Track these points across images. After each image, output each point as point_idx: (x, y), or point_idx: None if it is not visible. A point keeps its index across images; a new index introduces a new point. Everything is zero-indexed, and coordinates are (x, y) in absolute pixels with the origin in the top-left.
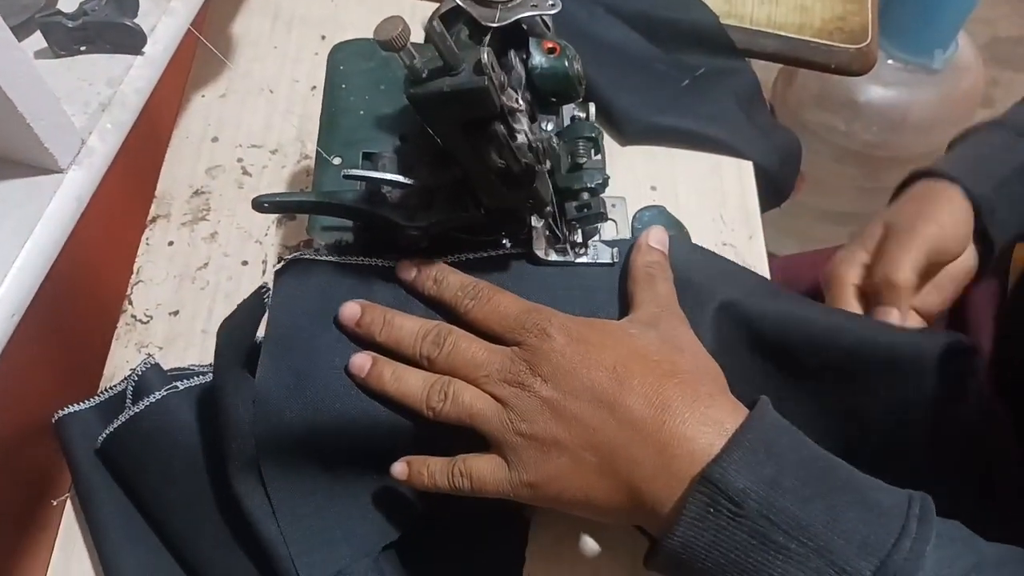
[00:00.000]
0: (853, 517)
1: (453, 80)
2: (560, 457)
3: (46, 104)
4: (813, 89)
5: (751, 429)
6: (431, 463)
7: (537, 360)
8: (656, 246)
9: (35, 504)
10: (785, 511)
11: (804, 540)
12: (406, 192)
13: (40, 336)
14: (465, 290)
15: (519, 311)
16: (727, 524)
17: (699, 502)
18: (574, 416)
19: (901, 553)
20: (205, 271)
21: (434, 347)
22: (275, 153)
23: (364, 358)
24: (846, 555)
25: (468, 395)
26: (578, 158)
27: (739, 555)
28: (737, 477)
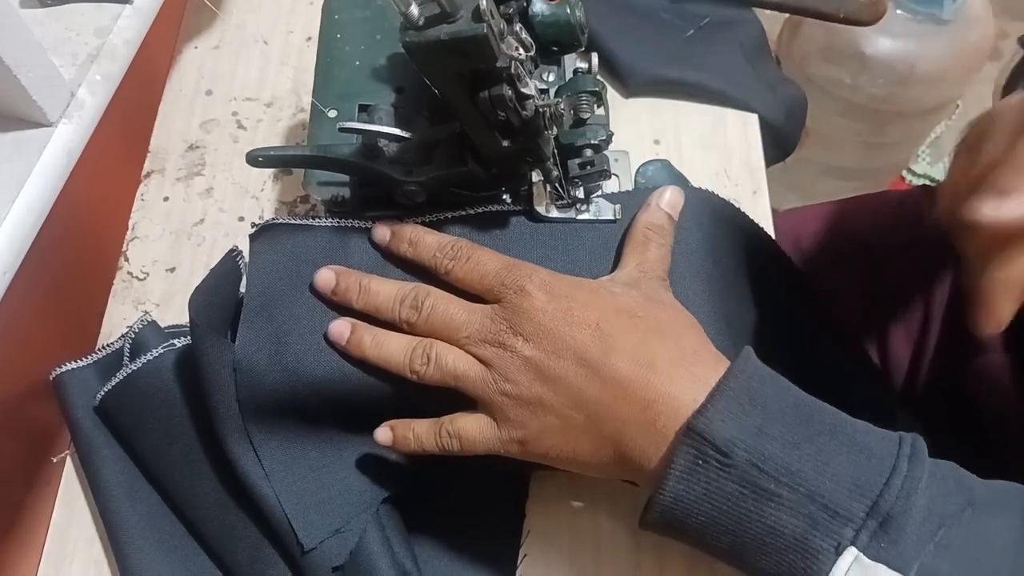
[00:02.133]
0: (843, 460)
1: (450, 28)
2: (546, 416)
3: (33, 55)
4: (819, 41)
5: (733, 378)
6: (416, 426)
7: (518, 319)
8: (666, 208)
9: (35, 461)
10: (774, 458)
11: (795, 486)
12: (403, 146)
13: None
14: (443, 250)
15: (498, 268)
16: (716, 475)
17: (687, 455)
18: (558, 376)
19: (892, 491)
20: (201, 227)
21: (413, 311)
22: (270, 106)
23: (343, 325)
24: (838, 497)
25: (451, 357)
26: (581, 113)
27: (731, 506)
28: (723, 427)
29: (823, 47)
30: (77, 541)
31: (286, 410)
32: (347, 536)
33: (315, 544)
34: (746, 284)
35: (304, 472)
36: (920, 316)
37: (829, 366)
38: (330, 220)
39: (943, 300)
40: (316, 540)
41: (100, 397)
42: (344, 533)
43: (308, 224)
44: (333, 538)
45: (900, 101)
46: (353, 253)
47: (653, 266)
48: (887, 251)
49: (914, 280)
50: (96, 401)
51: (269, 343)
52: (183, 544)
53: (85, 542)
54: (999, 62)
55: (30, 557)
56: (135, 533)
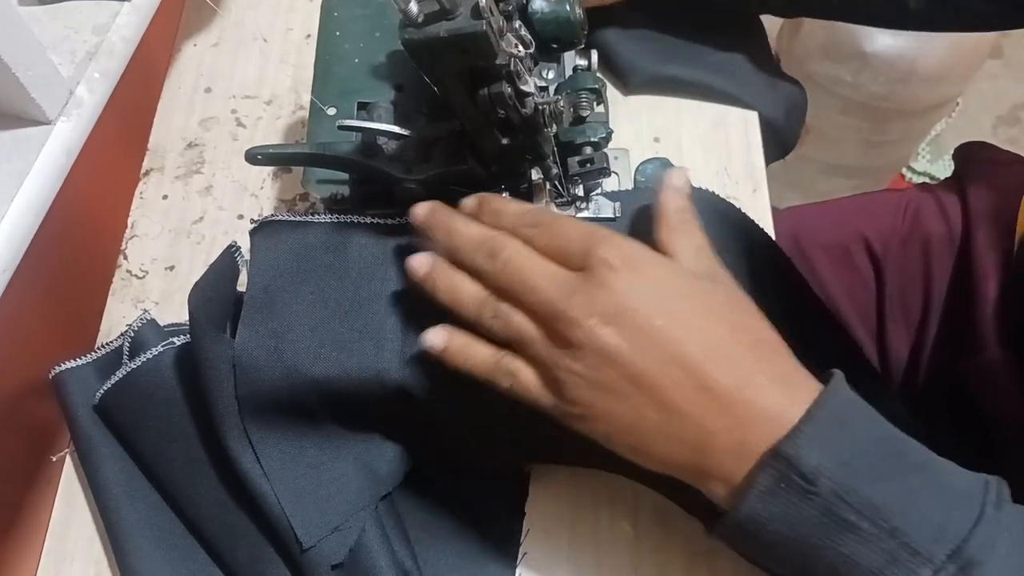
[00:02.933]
0: (928, 500)
1: (450, 24)
2: (617, 404)
3: (32, 52)
4: (819, 39)
5: (825, 405)
6: (475, 346)
7: (599, 296)
8: (683, 188)
9: (35, 460)
10: (858, 490)
11: (877, 520)
12: (403, 144)
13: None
14: (524, 217)
15: (582, 234)
16: (798, 500)
17: (770, 477)
18: (641, 370)
19: (978, 539)
20: (200, 225)
21: (490, 259)
22: (270, 104)
23: (425, 258)
24: (920, 538)
25: (516, 319)
26: (581, 110)
27: (808, 531)
28: (810, 454)
29: (823, 45)
30: (77, 539)
31: (285, 407)
32: (346, 534)
33: (313, 542)
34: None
35: (302, 470)
36: (919, 314)
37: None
38: (330, 216)
39: (941, 297)
40: (315, 538)
41: (99, 396)
42: (343, 531)
43: (308, 220)
44: (332, 536)
45: (900, 99)
46: (352, 249)
47: (710, 251)
48: (886, 249)
49: (913, 278)
50: (95, 400)
51: (269, 339)
52: (183, 543)
53: (85, 540)
54: (1000, 60)
55: (30, 555)
56: (135, 532)
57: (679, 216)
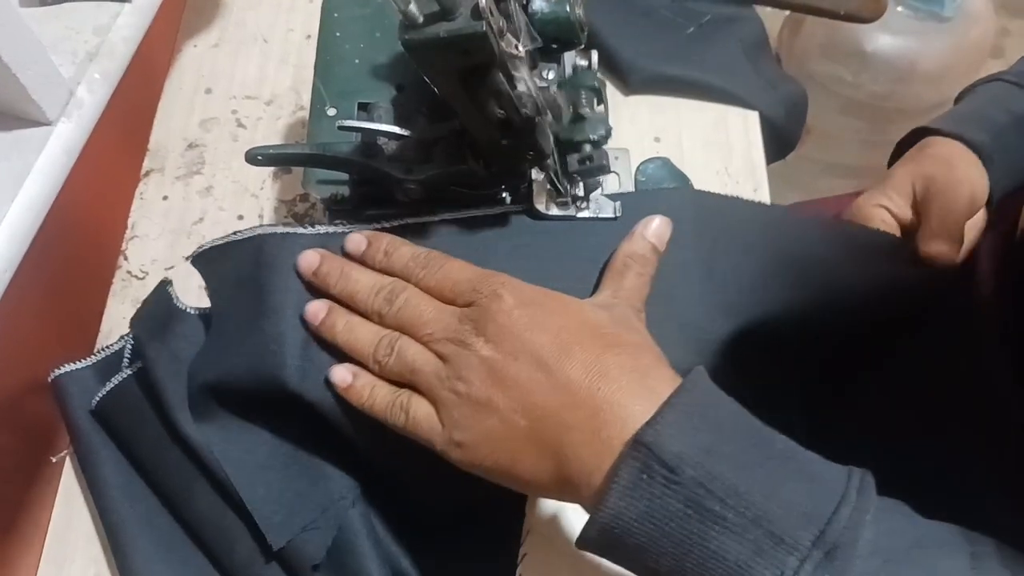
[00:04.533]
0: (793, 487)
1: (449, 25)
2: (491, 418)
3: (32, 53)
4: (820, 38)
5: (686, 393)
6: (377, 385)
7: (484, 320)
8: (650, 239)
9: (35, 460)
10: (722, 478)
11: (742, 509)
12: (403, 144)
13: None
14: (416, 260)
15: (472, 276)
16: (661, 492)
17: (631, 468)
18: (510, 377)
19: (840, 521)
20: (200, 226)
21: (386, 303)
22: (270, 104)
23: (320, 305)
24: (785, 524)
25: (412, 351)
26: (580, 109)
27: (674, 526)
28: (671, 441)
29: (824, 44)
30: (77, 540)
31: (239, 421)
32: (321, 534)
33: (283, 543)
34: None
35: (260, 473)
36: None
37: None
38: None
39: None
40: (284, 539)
41: (96, 402)
42: (316, 531)
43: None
44: (307, 535)
45: (901, 98)
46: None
47: (629, 295)
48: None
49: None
50: (92, 405)
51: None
52: (182, 545)
53: (85, 541)
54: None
55: (30, 555)
56: (135, 533)
57: (622, 261)
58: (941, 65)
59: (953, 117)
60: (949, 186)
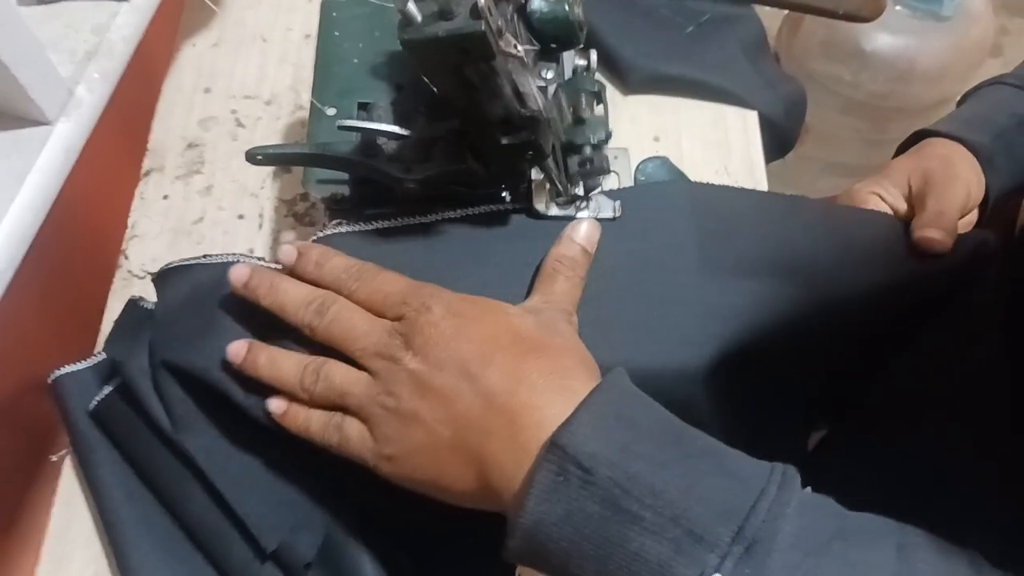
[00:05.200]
0: (712, 484)
1: (448, 25)
2: (417, 431)
3: (31, 52)
4: (819, 37)
5: (601, 393)
6: (312, 410)
7: (412, 333)
8: (580, 242)
9: (35, 459)
10: (638, 477)
11: (659, 509)
12: (402, 143)
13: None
14: (348, 271)
15: (403, 288)
16: (578, 494)
17: (548, 471)
18: (435, 388)
19: (759, 516)
20: (200, 225)
21: (317, 315)
22: (269, 104)
23: (239, 345)
24: (704, 521)
25: (339, 374)
26: (580, 111)
27: (593, 529)
28: (586, 441)
29: (823, 44)
30: (76, 539)
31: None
32: (311, 533)
33: (275, 545)
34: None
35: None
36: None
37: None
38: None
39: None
40: (275, 541)
41: (93, 406)
42: (305, 530)
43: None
44: (297, 536)
45: (900, 98)
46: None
47: (559, 299)
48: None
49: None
50: (90, 408)
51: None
52: (181, 546)
53: (84, 540)
54: (999, 58)
55: (30, 555)
56: (134, 533)
57: (551, 265)
58: (940, 64)
59: (955, 119)
60: (946, 181)
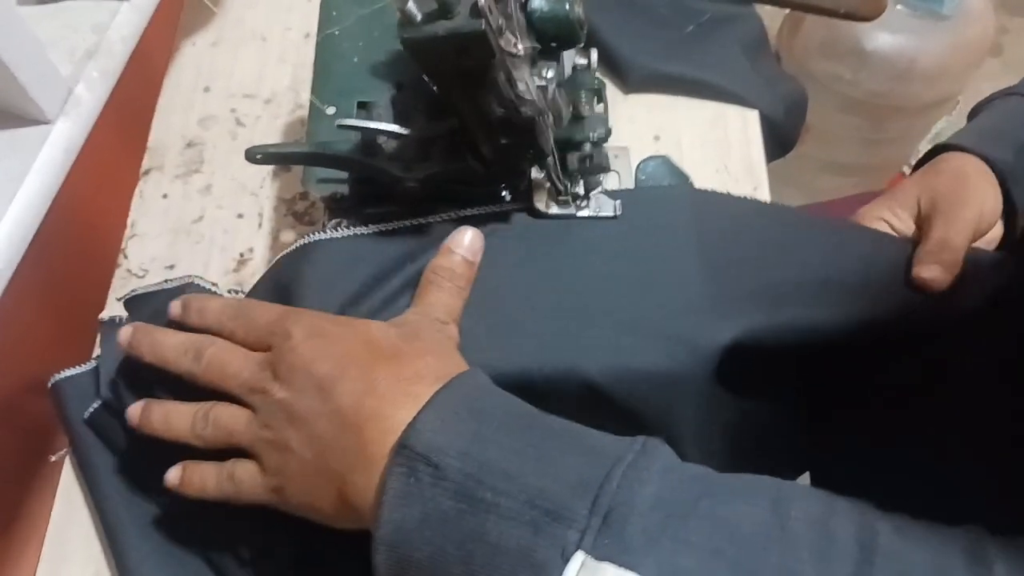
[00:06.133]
0: (568, 461)
1: (448, 23)
2: (291, 459)
3: (30, 52)
4: (819, 37)
5: (448, 390)
6: (204, 468)
7: (277, 362)
8: (460, 252)
9: (34, 459)
10: (490, 464)
11: (515, 493)
12: (402, 142)
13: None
14: (225, 311)
15: (271, 317)
16: (432, 493)
17: (398, 474)
18: (298, 414)
19: (612, 483)
20: (200, 224)
21: (195, 362)
22: (269, 103)
23: (135, 408)
24: (560, 498)
25: (225, 415)
26: (580, 109)
27: (452, 528)
28: (433, 437)
29: (823, 43)
30: (76, 539)
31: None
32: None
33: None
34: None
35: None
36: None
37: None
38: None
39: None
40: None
41: (89, 413)
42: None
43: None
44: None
45: (900, 97)
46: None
47: (430, 309)
48: None
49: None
50: (86, 415)
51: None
52: (181, 547)
53: (84, 540)
54: (999, 58)
55: (29, 554)
56: (133, 535)
57: (429, 275)
58: (940, 63)
59: (972, 133)
60: (955, 205)
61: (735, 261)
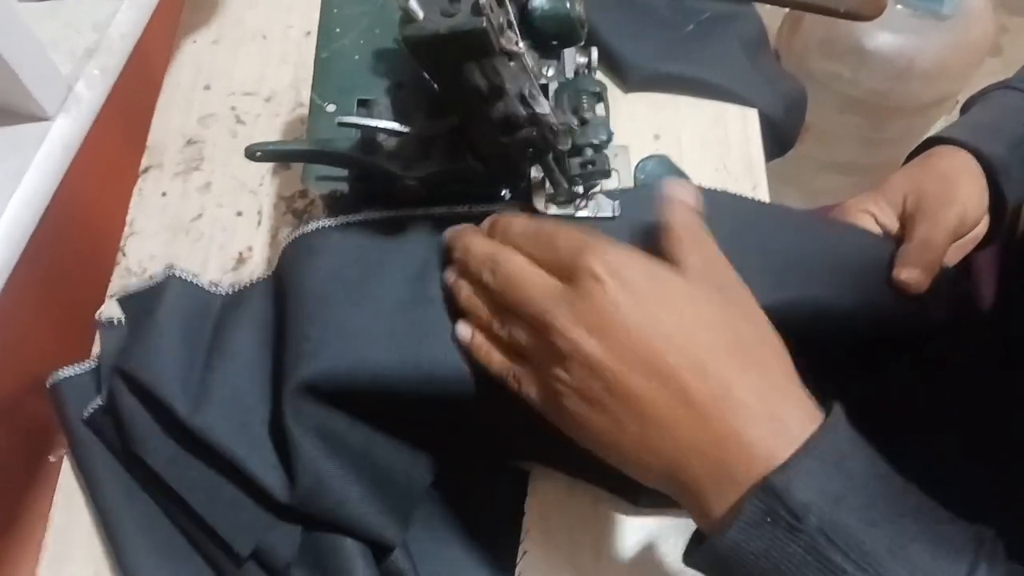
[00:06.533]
0: (919, 549)
1: (450, 21)
2: (600, 415)
3: (31, 49)
4: (819, 36)
5: (823, 440)
6: (493, 351)
7: (585, 307)
8: (690, 201)
9: (34, 459)
10: (847, 531)
11: (864, 565)
12: (402, 140)
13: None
14: (526, 232)
15: (572, 245)
16: (783, 536)
17: (756, 508)
18: (619, 381)
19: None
20: (199, 222)
21: (490, 273)
22: (269, 101)
23: (465, 329)
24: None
25: (520, 335)
26: (582, 112)
27: (790, 568)
28: (801, 489)
29: (823, 42)
30: (76, 538)
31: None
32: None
33: (249, 550)
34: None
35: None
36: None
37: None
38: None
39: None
40: (249, 546)
41: (88, 414)
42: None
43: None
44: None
45: (900, 96)
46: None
47: (725, 262)
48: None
49: None
50: (85, 416)
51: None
52: (181, 547)
53: (84, 539)
54: (999, 57)
55: (30, 554)
56: (133, 534)
57: (688, 230)
58: (940, 63)
59: (966, 127)
60: (940, 206)
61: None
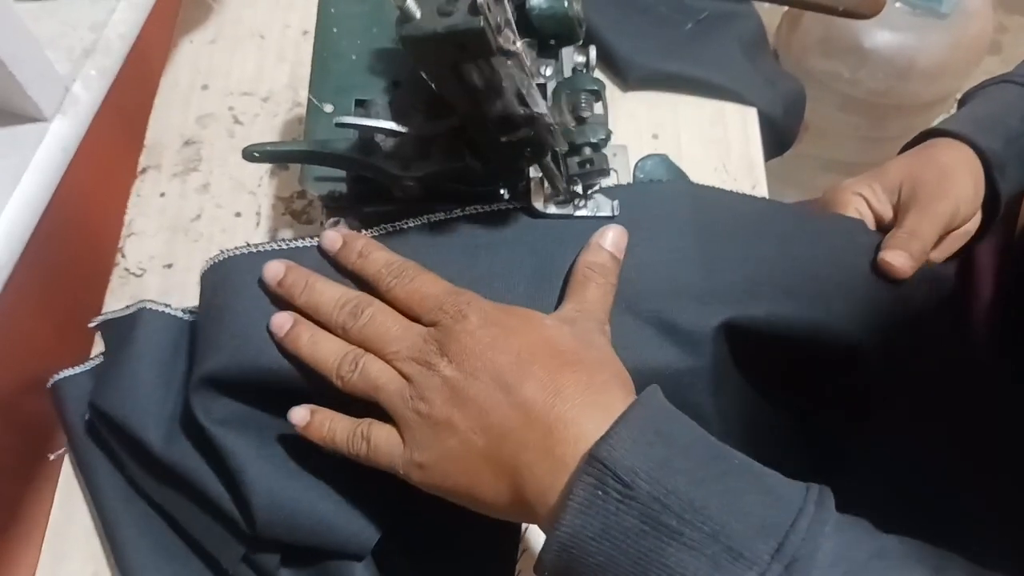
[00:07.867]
0: (751, 500)
1: (447, 21)
2: (451, 438)
3: (28, 49)
4: (818, 35)
5: (640, 408)
6: (336, 419)
7: (447, 340)
8: (608, 248)
9: (34, 457)
10: (678, 492)
11: (699, 524)
12: (400, 141)
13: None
14: (389, 267)
15: (440, 292)
16: (616, 508)
17: (587, 484)
18: (470, 397)
19: (799, 533)
20: (198, 223)
21: (351, 317)
22: (267, 101)
23: (285, 317)
24: (744, 538)
25: (376, 368)
26: (580, 111)
27: (631, 544)
28: (626, 455)
29: (822, 41)
30: (76, 537)
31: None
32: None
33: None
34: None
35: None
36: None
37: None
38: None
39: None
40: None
41: (87, 417)
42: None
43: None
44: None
45: (899, 95)
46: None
47: (592, 307)
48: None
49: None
50: (86, 415)
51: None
52: (180, 550)
53: (84, 538)
54: (998, 56)
55: (30, 553)
56: (132, 534)
57: (583, 272)
58: (939, 61)
59: (965, 120)
60: (934, 197)
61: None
